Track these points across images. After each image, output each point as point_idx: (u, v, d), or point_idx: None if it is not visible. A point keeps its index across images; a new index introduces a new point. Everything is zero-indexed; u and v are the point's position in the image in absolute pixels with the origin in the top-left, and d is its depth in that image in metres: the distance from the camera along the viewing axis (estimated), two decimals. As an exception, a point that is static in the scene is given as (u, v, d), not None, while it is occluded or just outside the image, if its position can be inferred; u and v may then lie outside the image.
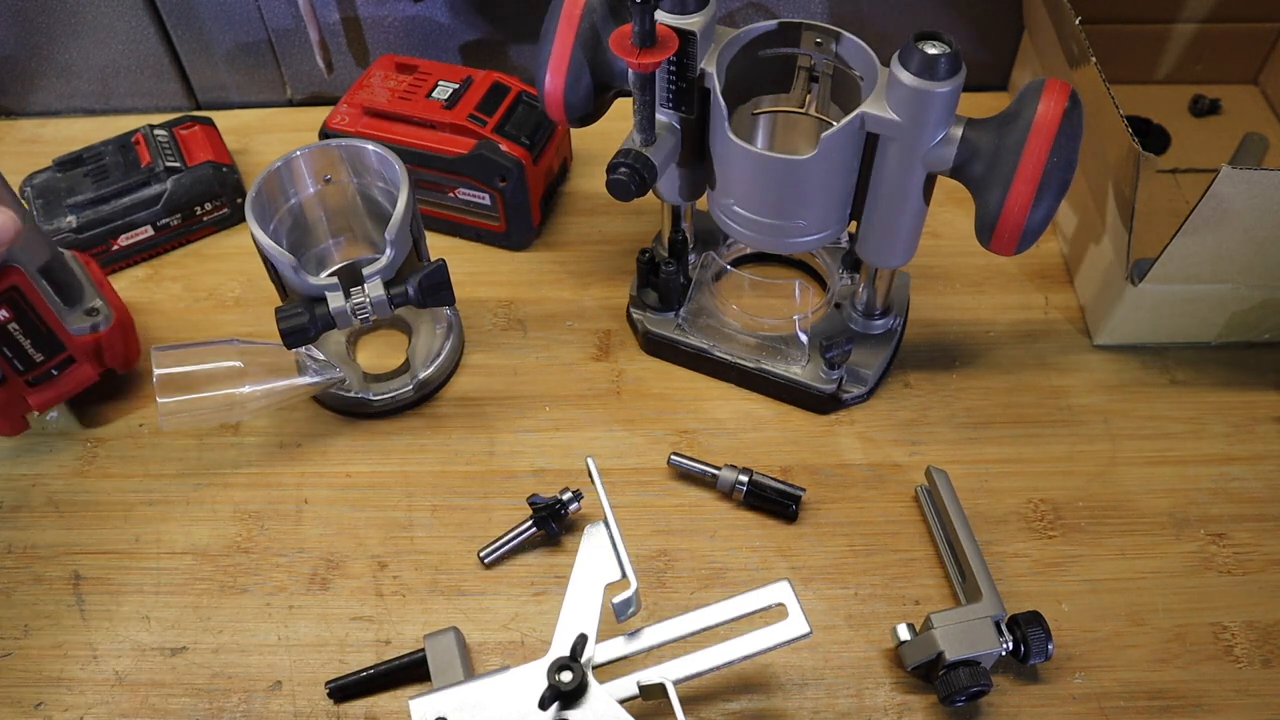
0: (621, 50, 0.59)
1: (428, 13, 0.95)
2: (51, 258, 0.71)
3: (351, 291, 0.67)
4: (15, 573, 0.68)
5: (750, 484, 0.69)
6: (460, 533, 0.70)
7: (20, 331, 0.67)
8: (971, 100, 0.74)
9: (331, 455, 0.74)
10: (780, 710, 0.62)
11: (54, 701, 0.63)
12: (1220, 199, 0.65)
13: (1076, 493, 0.71)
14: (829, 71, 0.68)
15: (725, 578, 0.67)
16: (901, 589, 0.67)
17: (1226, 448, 0.74)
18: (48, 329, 0.69)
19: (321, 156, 0.73)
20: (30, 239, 0.68)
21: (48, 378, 0.71)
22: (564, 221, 0.90)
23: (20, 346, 0.68)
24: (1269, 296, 0.74)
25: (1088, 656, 0.64)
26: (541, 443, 0.74)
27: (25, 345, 0.68)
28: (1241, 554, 0.68)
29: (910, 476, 0.72)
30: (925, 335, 0.80)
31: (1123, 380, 0.78)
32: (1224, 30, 0.96)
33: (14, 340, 0.68)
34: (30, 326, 0.68)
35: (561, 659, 0.54)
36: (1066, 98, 0.58)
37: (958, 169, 0.61)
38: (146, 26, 0.95)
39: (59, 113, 1.01)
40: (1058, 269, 0.85)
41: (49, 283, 0.71)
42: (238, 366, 0.70)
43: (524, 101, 0.84)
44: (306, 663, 0.64)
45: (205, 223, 0.88)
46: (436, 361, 0.77)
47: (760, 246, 0.77)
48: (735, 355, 0.76)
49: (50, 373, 0.71)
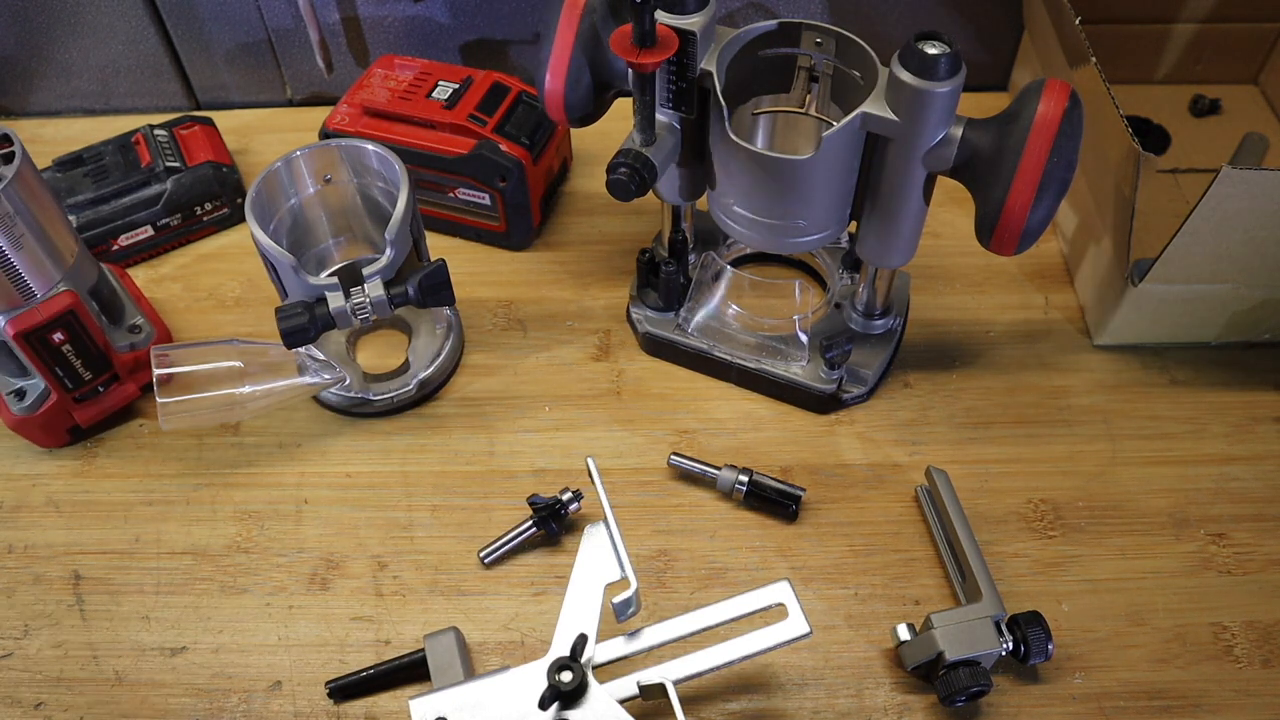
0: (621, 50, 0.59)
1: (428, 13, 0.95)
2: (99, 278, 0.73)
3: (351, 291, 0.67)
4: (15, 573, 0.68)
5: (750, 484, 0.69)
6: (460, 533, 0.70)
7: (73, 352, 0.69)
8: (971, 100, 0.74)
9: (331, 455, 0.74)
10: (780, 710, 0.62)
11: (54, 701, 0.63)
12: (1220, 199, 0.65)
13: (1076, 493, 0.71)
14: (829, 71, 0.68)
15: (725, 578, 0.67)
16: (901, 589, 0.67)
17: (1226, 448, 0.74)
18: (98, 349, 0.70)
19: (321, 156, 0.73)
20: (81, 261, 0.70)
21: (93, 394, 0.72)
22: (564, 221, 0.90)
23: (72, 366, 0.69)
24: (1269, 296, 0.74)
25: (1088, 656, 0.64)
26: (541, 443, 0.74)
27: (77, 365, 0.69)
28: (1241, 554, 0.68)
29: (910, 476, 0.72)
30: (925, 335, 0.80)
31: (1123, 380, 0.78)
32: (1224, 30, 0.96)
33: (66, 360, 0.69)
34: (82, 347, 0.69)
35: (561, 659, 0.54)
36: (1066, 98, 0.58)
37: (958, 169, 0.61)
38: (146, 26, 0.95)
39: (59, 113, 1.01)
40: (1058, 269, 0.85)
41: (97, 302, 0.72)
42: (238, 366, 0.70)
43: (524, 101, 0.84)
44: (306, 663, 0.64)
45: (205, 223, 0.88)
46: (436, 361, 0.77)
47: (760, 246, 0.77)
48: (735, 355, 0.76)
49: (96, 389, 0.72)
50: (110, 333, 0.73)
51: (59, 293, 0.67)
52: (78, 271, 0.70)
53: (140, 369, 0.75)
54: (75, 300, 0.67)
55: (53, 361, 0.68)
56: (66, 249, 0.69)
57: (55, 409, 0.71)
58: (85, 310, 0.68)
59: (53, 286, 0.67)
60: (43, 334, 0.66)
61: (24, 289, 0.66)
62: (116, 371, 0.72)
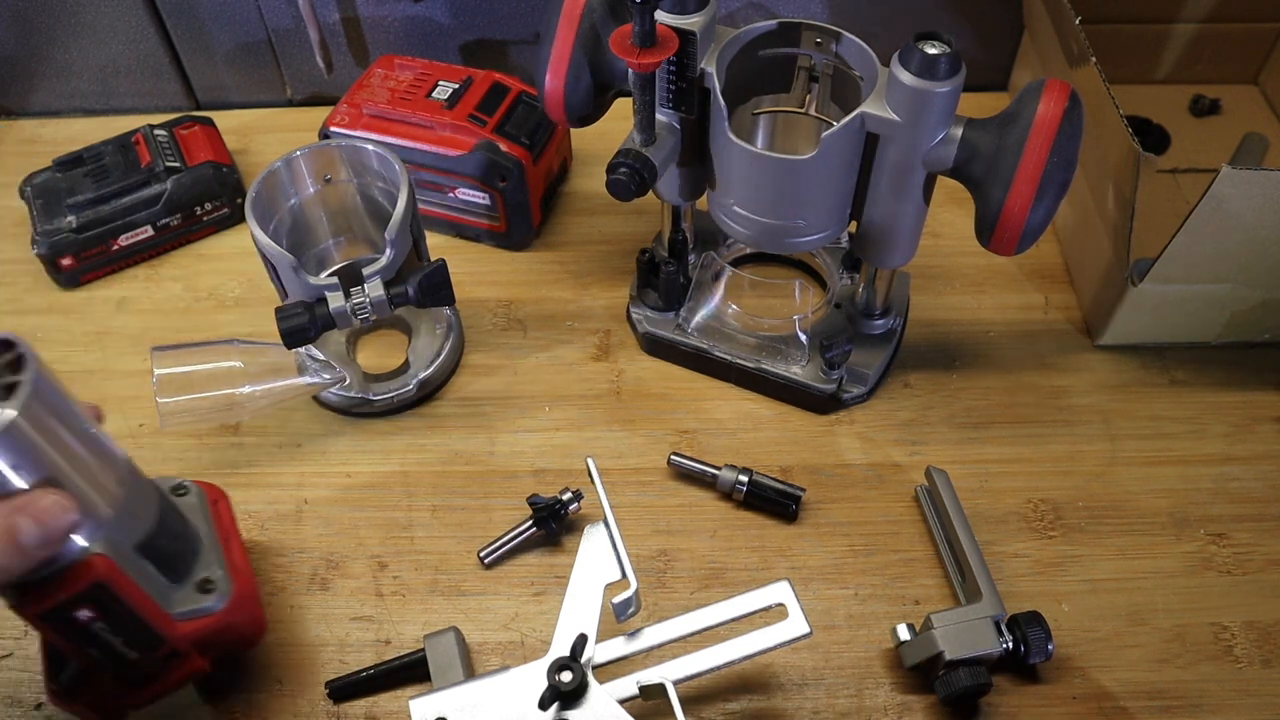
0: (621, 50, 0.59)
1: (428, 13, 0.95)
2: (157, 525, 0.55)
3: (351, 291, 0.67)
4: (15, 573, 0.68)
5: (750, 484, 0.69)
6: (460, 533, 0.70)
7: (108, 630, 0.52)
8: (971, 100, 0.74)
9: (331, 455, 0.74)
10: (780, 710, 0.62)
11: (54, 701, 0.63)
12: (1220, 199, 0.65)
13: (1076, 493, 0.71)
14: (829, 71, 0.68)
15: (725, 578, 0.67)
16: (901, 589, 0.67)
17: (1226, 448, 0.74)
18: (143, 625, 0.53)
19: (321, 156, 0.73)
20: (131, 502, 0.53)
21: (145, 674, 0.56)
22: (564, 221, 0.90)
23: (109, 645, 0.53)
24: (1269, 296, 0.74)
25: (1088, 656, 0.64)
26: (541, 443, 0.74)
27: (115, 644, 0.53)
28: (1241, 554, 0.68)
29: (910, 476, 0.72)
30: (925, 335, 0.80)
31: (1123, 380, 0.78)
32: (1224, 30, 0.96)
33: (101, 640, 0.52)
34: (119, 623, 0.52)
35: (561, 659, 0.55)
36: (1066, 98, 0.58)
37: (958, 169, 0.61)
38: (146, 26, 0.95)
39: (59, 113, 1.01)
40: (1058, 269, 0.85)
41: (153, 556, 0.55)
42: (238, 366, 0.70)
43: (524, 101, 0.84)
44: (306, 663, 0.64)
45: (205, 223, 0.88)
46: (436, 361, 0.77)
47: (760, 247, 0.77)
48: (735, 355, 0.76)
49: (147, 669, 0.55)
50: (167, 596, 0.55)
51: (88, 556, 0.50)
52: (124, 519, 0.52)
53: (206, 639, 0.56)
54: (109, 569, 0.50)
55: (84, 643, 0.52)
56: (104, 499, 0.51)
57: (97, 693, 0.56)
58: (123, 579, 0.51)
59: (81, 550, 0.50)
60: (64, 613, 0.50)
61: None
62: (175, 648, 0.55)
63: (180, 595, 0.56)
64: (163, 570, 0.55)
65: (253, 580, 0.60)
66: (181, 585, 0.56)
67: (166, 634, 0.54)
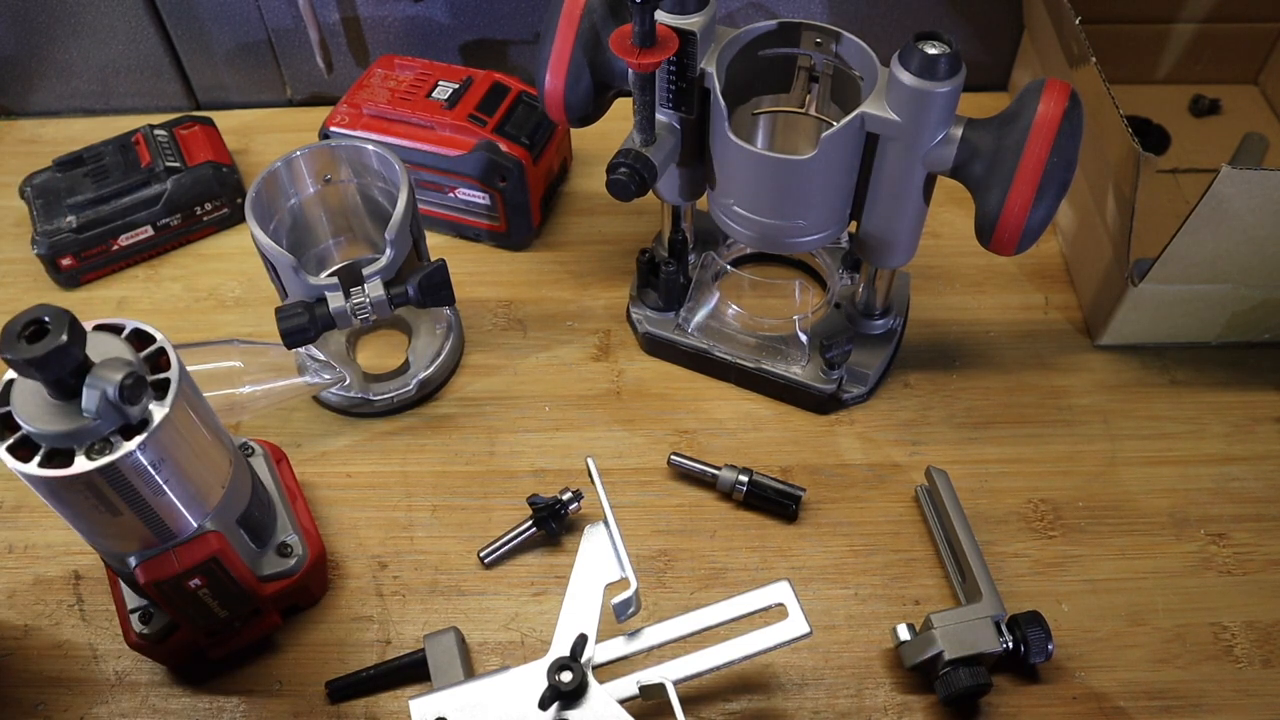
0: (621, 50, 0.59)
1: (428, 13, 0.95)
2: (251, 500, 0.60)
3: (351, 291, 0.67)
4: (15, 573, 0.68)
5: (750, 484, 0.69)
6: (460, 533, 0.70)
7: (210, 595, 0.57)
8: (971, 100, 0.75)
9: (331, 455, 0.74)
10: (780, 710, 0.62)
11: (54, 701, 0.63)
12: (1220, 199, 0.65)
13: (1076, 493, 0.71)
14: (829, 71, 0.68)
15: (725, 578, 0.67)
16: (901, 589, 0.67)
17: (1226, 448, 0.74)
18: (239, 589, 0.58)
19: (321, 156, 0.73)
20: (235, 484, 0.57)
21: (229, 629, 0.61)
22: (564, 221, 0.90)
23: (207, 608, 0.58)
24: (1269, 296, 0.74)
25: (1088, 656, 0.64)
26: (541, 443, 0.74)
27: (213, 606, 0.58)
28: (1241, 554, 0.68)
29: (910, 476, 0.72)
30: (925, 335, 0.80)
31: (1123, 380, 0.78)
32: (1224, 30, 0.96)
33: (201, 604, 0.57)
34: (221, 589, 0.57)
35: (561, 659, 0.55)
36: (1066, 98, 0.58)
37: (958, 169, 0.61)
38: (146, 26, 0.95)
39: (59, 113, 1.01)
40: (1058, 269, 0.85)
41: (246, 529, 0.60)
42: (238, 366, 0.70)
43: (524, 101, 0.84)
44: (306, 663, 0.64)
45: (205, 223, 0.88)
46: (436, 361, 0.77)
47: (760, 247, 0.77)
48: (735, 355, 0.76)
49: (232, 625, 0.61)
50: (256, 561, 0.61)
51: (202, 534, 0.55)
52: (229, 502, 0.57)
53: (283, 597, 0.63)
54: (221, 545, 0.55)
55: (185, 605, 0.57)
56: (218, 480, 0.56)
57: (180, 644, 0.61)
58: (230, 552, 0.56)
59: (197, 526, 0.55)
60: (178, 583, 0.55)
61: (162, 532, 0.54)
62: (258, 606, 0.61)
63: (265, 560, 0.62)
64: (252, 539, 0.61)
65: (320, 543, 0.65)
66: (265, 550, 0.62)
67: (256, 595, 0.60)
